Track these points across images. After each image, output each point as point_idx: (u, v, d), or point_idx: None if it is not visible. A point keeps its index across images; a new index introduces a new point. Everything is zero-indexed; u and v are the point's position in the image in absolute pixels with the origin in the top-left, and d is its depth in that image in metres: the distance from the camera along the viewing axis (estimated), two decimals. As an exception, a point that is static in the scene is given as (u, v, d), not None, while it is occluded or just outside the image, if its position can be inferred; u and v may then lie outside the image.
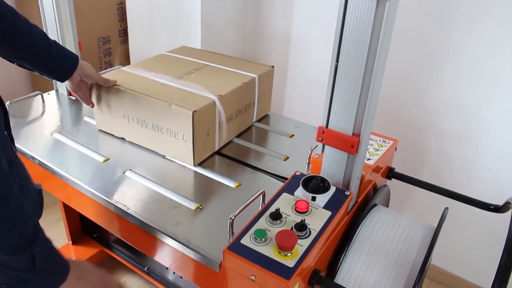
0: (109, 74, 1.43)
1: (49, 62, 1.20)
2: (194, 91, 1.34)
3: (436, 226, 1.09)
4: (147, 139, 1.36)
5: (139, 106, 1.32)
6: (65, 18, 1.62)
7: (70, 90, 1.33)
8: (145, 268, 1.70)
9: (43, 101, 1.67)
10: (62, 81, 1.28)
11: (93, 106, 1.40)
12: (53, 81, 1.75)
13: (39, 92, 1.68)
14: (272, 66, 1.56)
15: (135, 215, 1.11)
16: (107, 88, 1.35)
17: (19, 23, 1.10)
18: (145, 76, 1.44)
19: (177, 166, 1.31)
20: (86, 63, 1.31)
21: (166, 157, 1.35)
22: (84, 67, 1.29)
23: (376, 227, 1.13)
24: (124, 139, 1.43)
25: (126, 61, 2.46)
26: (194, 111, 1.21)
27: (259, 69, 1.53)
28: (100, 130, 1.47)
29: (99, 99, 1.40)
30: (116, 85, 1.35)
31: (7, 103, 1.50)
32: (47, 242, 0.78)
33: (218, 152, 1.39)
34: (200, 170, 1.30)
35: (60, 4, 1.58)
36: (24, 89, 2.50)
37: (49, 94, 1.76)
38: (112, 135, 1.45)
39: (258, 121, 1.59)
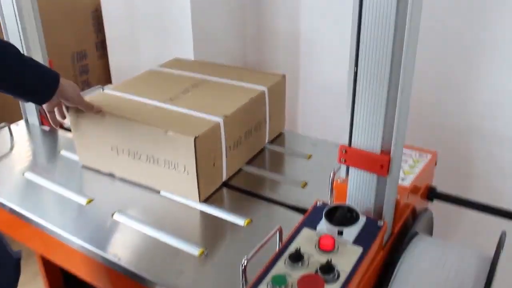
0: (89, 98, 1.45)
1: (24, 86, 1.22)
2: (194, 113, 1.35)
3: (493, 255, 1.08)
4: (141, 173, 1.37)
5: (129, 135, 1.34)
6: (30, 32, 1.65)
7: (45, 110, 1.33)
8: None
9: (11, 134, 1.69)
10: (40, 104, 1.29)
11: (59, 127, 1.39)
12: (22, 110, 1.78)
13: (6, 123, 1.71)
14: (284, 75, 1.58)
15: (127, 267, 1.11)
16: (89, 115, 1.37)
17: None
18: (133, 98, 1.45)
19: (175, 204, 1.32)
20: (69, 82, 1.30)
21: (162, 193, 1.36)
22: (65, 89, 1.27)
23: (419, 262, 1.12)
24: (112, 175, 1.44)
25: (106, 79, 2.49)
26: (196, 137, 1.22)
27: (268, 79, 1.55)
28: (84, 166, 1.49)
29: (80, 128, 1.42)
30: (100, 111, 1.37)
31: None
32: None
33: (225, 184, 1.40)
34: (203, 207, 1.31)
35: (24, 16, 1.61)
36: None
37: (17, 125, 1.78)
38: (98, 170, 1.46)
39: (271, 141, 1.60)
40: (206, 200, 1.33)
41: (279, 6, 2.07)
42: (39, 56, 1.68)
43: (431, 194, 1.31)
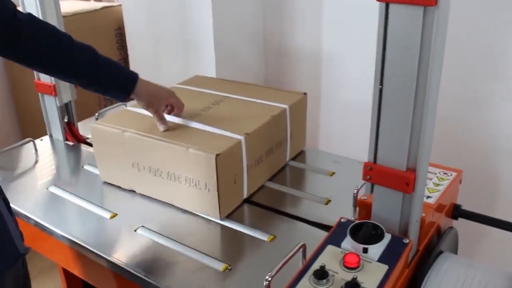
0: (111, 116, 1.47)
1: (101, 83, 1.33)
2: (215, 130, 1.36)
3: (520, 275, 1.07)
4: (162, 190, 1.38)
5: (150, 152, 1.34)
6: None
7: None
8: None
9: (36, 149, 1.72)
10: (122, 101, 1.46)
11: (166, 128, 1.38)
12: (46, 125, 1.81)
13: (31, 138, 1.74)
14: (305, 93, 1.58)
15: (151, 281, 1.12)
16: (110, 132, 1.38)
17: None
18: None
19: (197, 220, 1.33)
20: (154, 86, 1.40)
21: (186, 210, 1.36)
22: (141, 92, 1.35)
23: (444, 281, 1.11)
24: (134, 191, 1.45)
25: (128, 95, 2.52)
26: (217, 155, 1.23)
27: (289, 97, 1.55)
28: (105, 182, 1.50)
29: (101, 144, 1.44)
30: (121, 128, 1.38)
31: (-6, 154, 1.55)
32: None
33: (246, 200, 1.40)
34: (226, 223, 1.31)
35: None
36: (12, 136, 2.57)
37: (41, 140, 1.81)
38: (120, 187, 1.47)
39: (292, 159, 1.60)
40: (229, 216, 1.34)
41: (300, 24, 2.08)
42: (64, 73, 1.71)
43: (456, 212, 1.30)
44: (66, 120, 1.79)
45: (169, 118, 1.42)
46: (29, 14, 1.21)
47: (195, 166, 1.27)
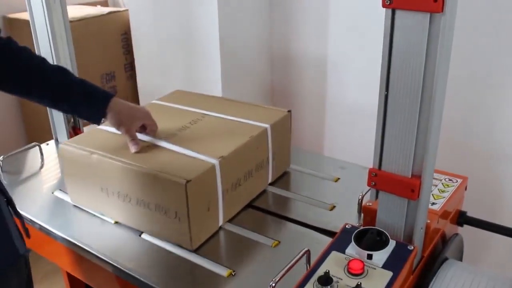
0: (83, 135, 1.48)
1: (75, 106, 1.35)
2: (189, 153, 1.28)
3: (525, 283, 1.06)
4: (132, 216, 1.30)
5: (118, 176, 1.26)
6: (63, 53, 1.69)
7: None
8: None
9: (41, 153, 1.72)
10: (96, 124, 1.40)
11: (138, 149, 1.31)
12: (52, 130, 1.82)
13: (36, 143, 1.74)
14: (289, 111, 1.51)
15: (155, 285, 1.12)
16: (78, 153, 1.31)
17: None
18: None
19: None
20: (129, 106, 1.36)
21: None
22: (114, 113, 1.32)
23: (450, 287, 1.11)
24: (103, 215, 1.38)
25: (134, 100, 2.53)
26: (187, 181, 1.14)
27: (272, 115, 1.47)
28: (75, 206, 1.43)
29: (70, 166, 1.37)
30: (89, 150, 1.30)
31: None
32: None
33: (250, 205, 1.40)
34: (230, 228, 1.31)
35: (57, 37, 1.65)
36: (18, 140, 2.58)
37: (47, 144, 1.82)
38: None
39: (275, 181, 1.53)
40: (231, 220, 1.34)
41: (306, 29, 2.09)
42: (70, 76, 1.72)
43: (461, 219, 1.29)
44: (72, 125, 1.80)
45: (142, 137, 1.35)
46: (8, 39, 1.26)
47: (165, 192, 1.19)
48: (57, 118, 1.78)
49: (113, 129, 1.38)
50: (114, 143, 1.33)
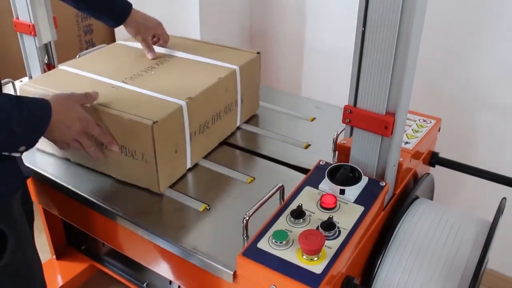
0: (44, 75, 1.42)
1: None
2: (155, 94, 1.24)
3: (491, 221, 1.09)
4: (98, 160, 1.24)
5: None
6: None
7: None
8: (144, 284, 1.73)
9: (15, 90, 1.69)
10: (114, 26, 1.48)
11: (154, 56, 1.45)
12: (26, 67, 1.78)
13: (10, 79, 1.70)
14: (258, 52, 1.48)
15: (130, 219, 1.13)
16: (40, 94, 1.21)
17: None
18: (90, 76, 1.33)
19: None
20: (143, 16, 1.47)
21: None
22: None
23: (418, 224, 1.13)
24: (68, 160, 1.34)
25: (111, 39, 2.48)
26: (154, 122, 1.12)
27: (242, 57, 1.44)
28: (38, 150, 1.38)
29: None
30: (51, 90, 1.24)
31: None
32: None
33: (225, 142, 1.41)
34: (206, 163, 1.32)
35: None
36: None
37: (21, 81, 1.78)
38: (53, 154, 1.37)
39: (246, 122, 1.53)
40: (207, 157, 1.34)
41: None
42: (43, 12, 1.66)
43: (433, 159, 1.32)
44: (46, 62, 1.76)
45: (105, 79, 1.32)
46: None
47: (131, 134, 1.16)
48: (31, 55, 1.74)
49: (76, 70, 1.36)
50: (78, 84, 1.28)
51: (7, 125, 0.92)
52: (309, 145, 1.39)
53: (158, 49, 1.50)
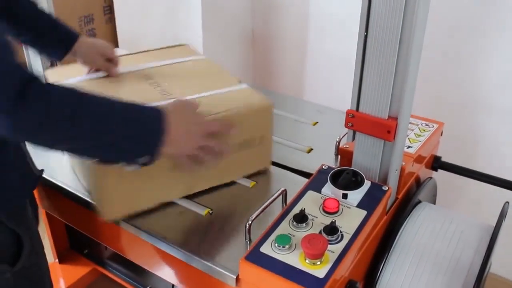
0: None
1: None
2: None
3: (494, 225, 1.09)
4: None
5: None
6: (39, -6, 1.64)
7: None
8: (147, 288, 1.73)
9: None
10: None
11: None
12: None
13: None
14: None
15: (132, 223, 1.13)
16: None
17: None
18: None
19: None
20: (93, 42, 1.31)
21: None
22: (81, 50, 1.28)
23: (421, 228, 1.13)
24: None
25: (113, 43, 2.48)
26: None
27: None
28: None
29: None
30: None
31: None
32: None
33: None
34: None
35: (33, -22, 1.60)
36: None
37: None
38: None
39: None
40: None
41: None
42: (47, 16, 1.68)
43: (436, 163, 1.32)
44: (49, 67, 1.77)
45: None
46: None
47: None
48: (34, 60, 1.75)
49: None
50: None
51: (112, 130, 0.89)
52: (312, 149, 1.39)
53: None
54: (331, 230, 0.94)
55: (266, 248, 0.93)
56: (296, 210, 1.00)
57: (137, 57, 1.43)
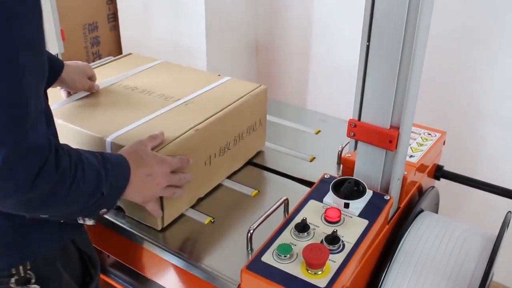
0: None
1: None
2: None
3: (497, 235, 1.09)
4: None
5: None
6: (44, 2, 1.65)
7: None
8: (149, 296, 1.73)
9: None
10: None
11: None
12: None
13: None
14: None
15: (134, 231, 1.13)
16: None
17: None
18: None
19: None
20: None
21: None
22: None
23: (423, 238, 1.13)
24: None
25: (117, 51, 2.49)
26: None
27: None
28: None
29: None
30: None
31: None
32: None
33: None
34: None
35: (38, -14, 1.61)
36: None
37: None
38: None
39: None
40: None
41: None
42: (51, 25, 1.68)
43: (438, 172, 1.31)
44: (53, 74, 1.77)
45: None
46: None
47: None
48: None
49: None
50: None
51: (100, 187, 0.86)
52: (314, 158, 1.38)
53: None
54: (333, 239, 0.94)
55: (267, 258, 0.92)
56: (297, 219, 0.99)
57: (98, 71, 1.39)
